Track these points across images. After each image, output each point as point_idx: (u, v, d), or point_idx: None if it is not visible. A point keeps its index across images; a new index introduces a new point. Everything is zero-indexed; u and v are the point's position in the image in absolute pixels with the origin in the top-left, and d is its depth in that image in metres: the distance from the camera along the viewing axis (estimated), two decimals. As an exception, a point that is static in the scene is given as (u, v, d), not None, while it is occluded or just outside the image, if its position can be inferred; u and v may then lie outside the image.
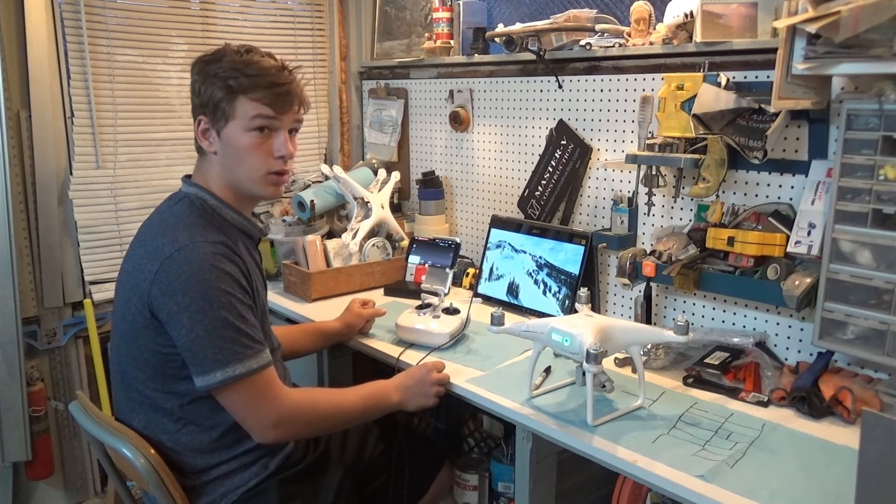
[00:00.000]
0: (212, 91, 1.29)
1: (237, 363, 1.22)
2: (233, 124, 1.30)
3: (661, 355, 1.61)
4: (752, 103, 1.54)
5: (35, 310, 2.19)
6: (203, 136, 1.34)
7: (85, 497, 2.38)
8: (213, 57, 1.32)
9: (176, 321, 1.20)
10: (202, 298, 1.20)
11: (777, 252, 1.51)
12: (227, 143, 1.32)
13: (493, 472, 1.92)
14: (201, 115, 1.33)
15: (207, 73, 1.30)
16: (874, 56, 1.21)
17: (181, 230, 1.26)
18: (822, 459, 1.20)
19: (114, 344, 1.36)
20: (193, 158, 2.41)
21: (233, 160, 1.33)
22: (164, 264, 1.21)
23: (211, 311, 1.20)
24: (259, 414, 1.26)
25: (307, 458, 1.43)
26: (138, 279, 1.24)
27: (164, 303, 1.20)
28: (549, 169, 2.08)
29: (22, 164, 2.11)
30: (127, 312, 1.27)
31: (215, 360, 1.20)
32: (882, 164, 1.31)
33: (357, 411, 1.42)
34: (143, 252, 1.26)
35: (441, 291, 1.81)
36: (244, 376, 1.22)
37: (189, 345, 1.21)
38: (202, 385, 1.22)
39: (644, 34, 1.78)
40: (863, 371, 1.46)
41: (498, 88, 2.25)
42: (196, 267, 1.21)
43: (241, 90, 1.28)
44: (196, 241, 1.23)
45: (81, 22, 2.14)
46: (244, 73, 1.28)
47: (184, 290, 1.19)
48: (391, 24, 2.66)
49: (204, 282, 1.20)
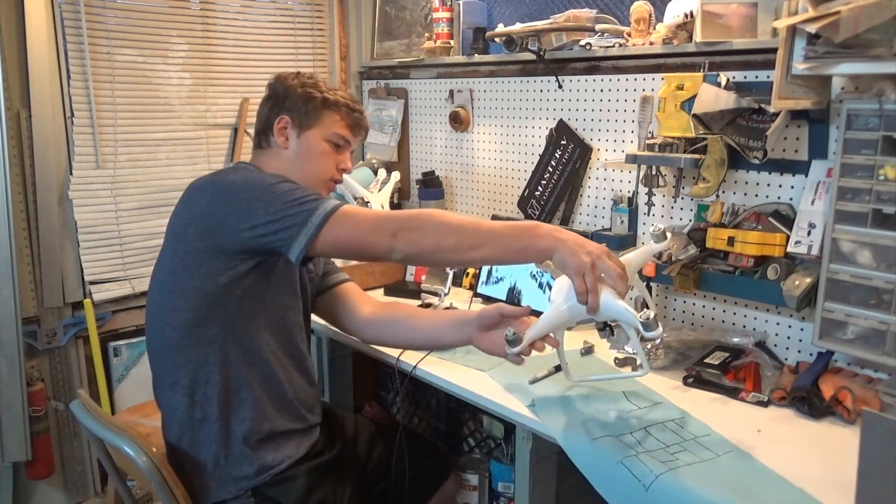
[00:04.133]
0: (305, 98, 1.46)
1: (323, 204, 1.25)
2: (315, 130, 1.46)
3: (661, 355, 1.61)
4: (752, 103, 1.54)
5: (35, 310, 2.19)
6: (281, 132, 1.46)
7: (85, 497, 2.38)
8: (299, 76, 1.50)
9: (248, 213, 1.25)
10: (262, 184, 1.28)
11: (777, 252, 1.51)
12: (304, 144, 1.46)
13: (493, 472, 1.92)
14: (285, 115, 1.46)
15: (303, 83, 1.47)
16: (874, 56, 1.22)
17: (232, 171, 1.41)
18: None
19: (152, 310, 1.40)
20: (193, 158, 2.46)
21: (304, 158, 1.46)
22: (218, 184, 1.33)
23: (275, 188, 1.27)
24: (374, 230, 1.23)
25: (326, 453, 1.44)
26: (194, 209, 1.32)
27: (230, 208, 1.27)
28: (549, 169, 2.08)
29: (22, 164, 2.11)
30: (176, 251, 1.33)
31: (304, 212, 1.23)
32: (882, 164, 1.31)
33: (496, 233, 1.22)
34: (195, 191, 1.35)
35: (441, 291, 1.81)
36: (334, 210, 1.24)
37: (271, 220, 1.24)
38: (303, 244, 1.22)
39: (644, 34, 1.78)
40: (863, 371, 1.46)
41: (498, 88, 2.25)
42: (249, 174, 1.36)
43: (332, 105, 1.47)
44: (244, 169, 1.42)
45: (81, 22, 2.14)
46: (336, 93, 1.50)
47: (245, 188, 1.28)
48: (391, 24, 2.66)
49: (259, 178, 1.32)
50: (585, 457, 1.23)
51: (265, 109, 1.50)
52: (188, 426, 1.34)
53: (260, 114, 1.51)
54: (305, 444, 1.39)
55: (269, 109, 1.49)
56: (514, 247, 1.21)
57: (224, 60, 2.47)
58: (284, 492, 1.34)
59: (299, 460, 1.37)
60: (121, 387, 2.37)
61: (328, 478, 1.41)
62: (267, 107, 1.50)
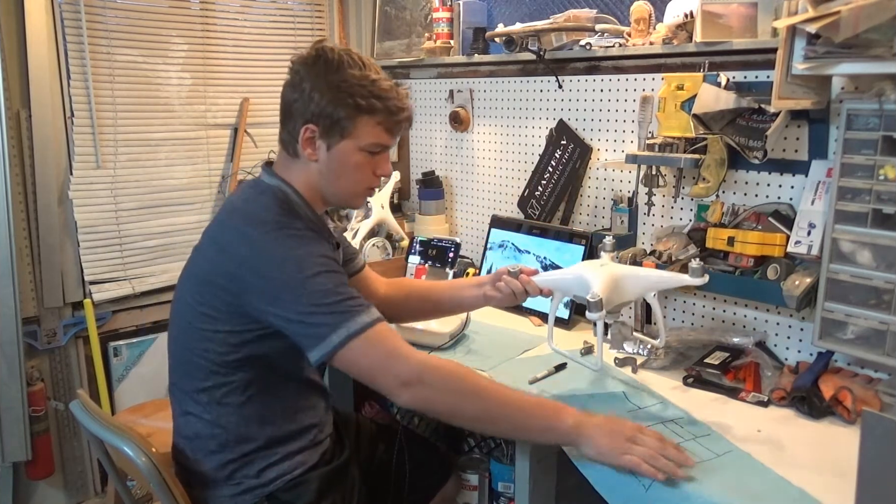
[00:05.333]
0: (334, 106, 1.25)
1: (349, 321, 1.17)
2: (348, 142, 1.28)
3: (661, 355, 1.61)
4: (752, 103, 1.54)
5: (35, 310, 2.19)
6: (307, 143, 1.28)
7: (85, 497, 2.38)
8: (329, 65, 1.26)
9: (275, 299, 1.18)
10: (298, 272, 1.18)
11: (777, 252, 1.51)
12: (335, 158, 1.29)
13: (493, 472, 1.92)
14: (312, 124, 1.27)
15: (329, 83, 1.25)
16: (874, 56, 1.22)
17: (269, 216, 1.24)
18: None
19: (176, 332, 1.33)
20: (193, 158, 2.45)
21: (335, 174, 1.31)
22: (255, 247, 1.20)
23: (309, 283, 1.18)
24: (388, 369, 1.18)
25: (336, 458, 1.43)
26: (225, 264, 1.22)
27: (259, 283, 1.18)
28: (549, 169, 2.08)
29: (22, 164, 2.11)
30: (203, 296, 1.24)
31: (326, 325, 1.16)
32: (882, 164, 1.31)
33: (513, 405, 1.21)
34: (231, 237, 1.24)
35: (441, 291, 1.81)
36: (360, 332, 1.17)
37: (294, 319, 1.17)
38: (320, 356, 1.17)
39: (644, 34, 1.78)
40: (863, 371, 1.46)
41: (498, 88, 2.25)
42: (287, 247, 1.20)
43: (368, 111, 1.26)
44: (284, 226, 1.23)
45: (81, 22, 2.14)
46: (373, 93, 1.26)
47: (279, 267, 1.18)
48: (391, 23, 2.66)
49: (297, 258, 1.19)
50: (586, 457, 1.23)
51: (288, 103, 1.30)
52: (206, 438, 1.30)
53: (284, 104, 1.31)
54: (319, 451, 1.38)
55: (293, 110, 1.29)
56: (532, 425, 1.22)
57: (224, 60, 2.47)
58: (297, 496, 1.32)
59: (312, 466, 1.35)
60: (121, 387, 2.37)
61: (338, 481, 1.40)
62: (290, 99, 1.29)
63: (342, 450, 1.46)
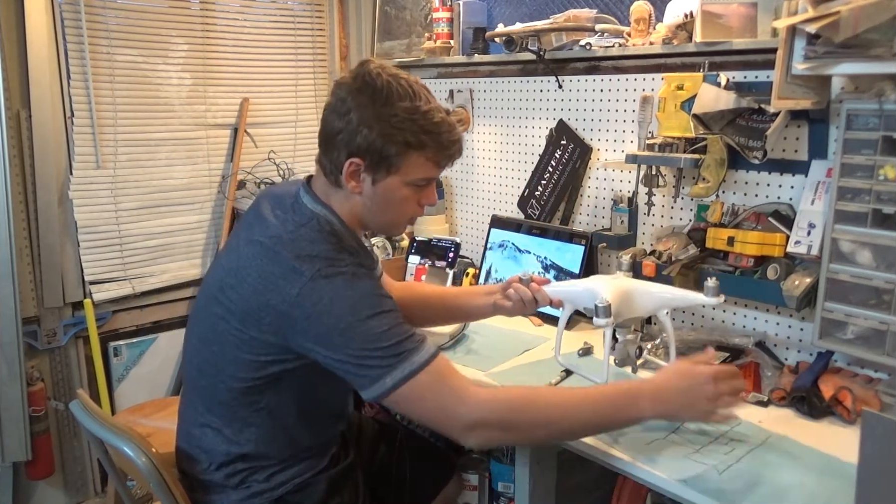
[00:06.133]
0: (383, 142, 1.18)
1: (404, 361, 1.12)
2: (394, 177, 1.22)
3: (661, 355, 1.60)
4: (752, 103, 1.54)
5: (35, 310, 2.19)
6: (351, 176, 1.22)
7: (85, 497, 2.38)
8: (377, 95, 1.19)
9: (327, 342, 1.14)
10: (351, 314, 1.13)
11: (777, 252, 1.51)
12: (380, 193, 1.24)
13: (493, 472, 1.92)
14: (357, 158, 1.20)
15: (378, 117, 1.18)
16: (874, 56, 1.21)
17: (318, 252, 1.18)
18: (818, 474, 1.16)
19: (199, 344, 1.29)
20: (193, 158, 2.46)
21: (380, 207, 1.26)
22: (306, 288, 1.14)
23: (363, 326, 1.13)
24: (447, 415, 1.14)
25: (343, 460, 1.42)
26: (273, 300, 1.16)
27: (309, 325, 1.14)
28: (549, 169, 2.08)
29: (22, 164, 2.11)
30: (244, 325, 1.19)
31: (380, 367, 1.12)
32: (882, 164, 1.31)
33: (585, 415, 1.18)
34: (280, 272, 1.17)
35: (441, 292, 1.81)
36: (415, 373, 1.12)
37: (346, 360, 1.14)
38: (373, 396, 1.13)
39: (644, 34, 1.78)
40: (863, 371, 1.46)
41: (498, 88, 2.25)
42: (339, 287, 1.15)
43: (418, 147, 1.20)
44: (334, 264, 1.17)
45: (81, 22, 2.14)
46: (425, 130, 1.20)
47: (329, 310, 1.13)
48: (391, 23, 2.66)
49: (349, 299, 1.14)
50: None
51: (332, 132, 1.21)
52: (221, 453, 1.29)
53: (326, 132, 1.23)
54: (328, 455, 1.37)
55: (336, 141, 1.21)
56: (618, 426, 1.24)
57: (224, 60, 2.47)
58: (305, 498, 1.32)
59: (321, 469, 1.35)
60: (121, 387, 2.38)
61: (345, 483, 1.40)
62: (334, 128, 1.21)
63: (348, 451, 1.46)
